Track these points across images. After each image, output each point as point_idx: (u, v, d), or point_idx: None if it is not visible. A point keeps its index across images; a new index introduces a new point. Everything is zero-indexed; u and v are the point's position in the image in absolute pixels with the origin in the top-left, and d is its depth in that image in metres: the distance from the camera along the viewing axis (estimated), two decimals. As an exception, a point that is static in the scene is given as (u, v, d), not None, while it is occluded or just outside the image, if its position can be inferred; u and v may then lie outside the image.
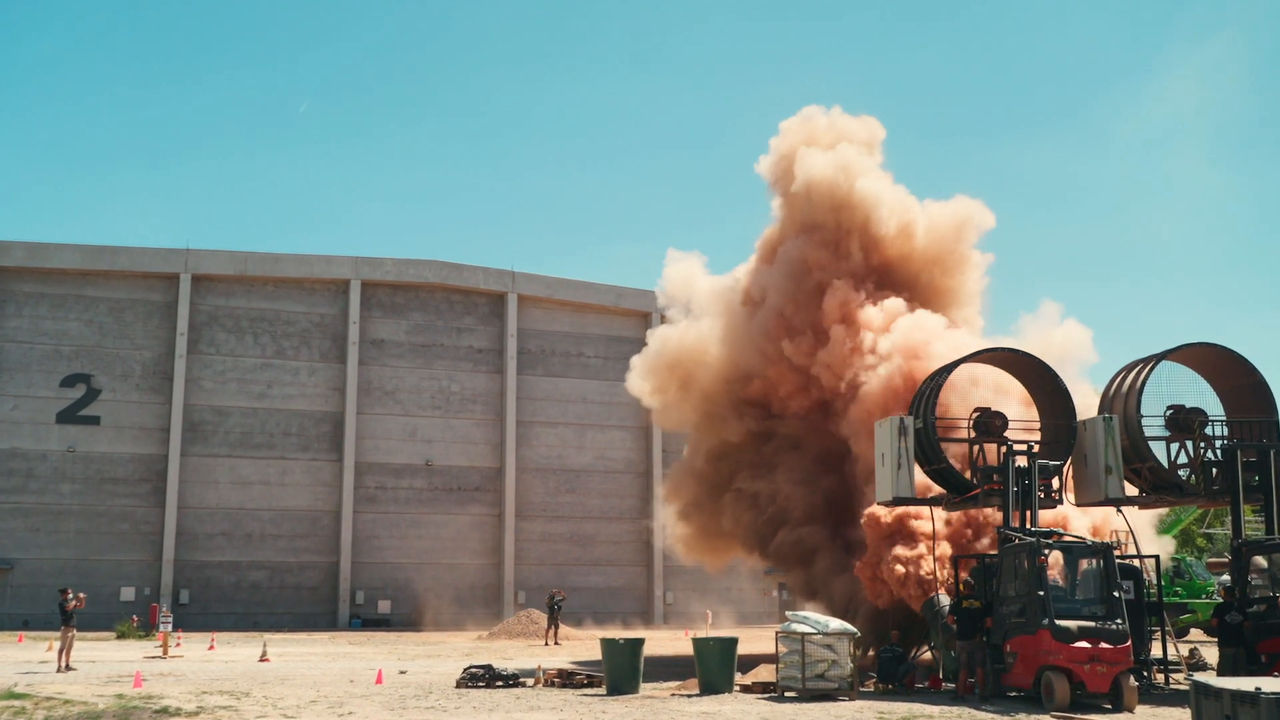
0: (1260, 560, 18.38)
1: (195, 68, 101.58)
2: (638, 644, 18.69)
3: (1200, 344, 19.65)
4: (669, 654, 27.84)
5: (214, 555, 42.40)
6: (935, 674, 19.56)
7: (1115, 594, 16.61)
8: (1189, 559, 39.53)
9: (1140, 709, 16.02)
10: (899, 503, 19.92)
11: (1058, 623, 16.17)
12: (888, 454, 19.56)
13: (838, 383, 25.20)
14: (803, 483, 25.76)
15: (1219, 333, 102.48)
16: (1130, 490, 19.69)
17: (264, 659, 25.47)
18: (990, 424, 19.56)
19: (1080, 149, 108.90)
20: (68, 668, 22.16)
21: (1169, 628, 20.58)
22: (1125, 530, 19.57)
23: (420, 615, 43.18)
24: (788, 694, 17.58)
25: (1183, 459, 19.69)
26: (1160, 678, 19.09)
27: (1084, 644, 15.98)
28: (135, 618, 36.24)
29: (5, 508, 40.65)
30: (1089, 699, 16.04)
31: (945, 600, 19.55)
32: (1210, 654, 22.89)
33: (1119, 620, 16.38)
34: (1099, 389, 21.02)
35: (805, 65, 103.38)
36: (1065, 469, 19.55)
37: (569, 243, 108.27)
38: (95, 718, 15.08)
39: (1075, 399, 19.91)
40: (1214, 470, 19.24)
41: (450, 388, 46.34)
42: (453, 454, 45.93)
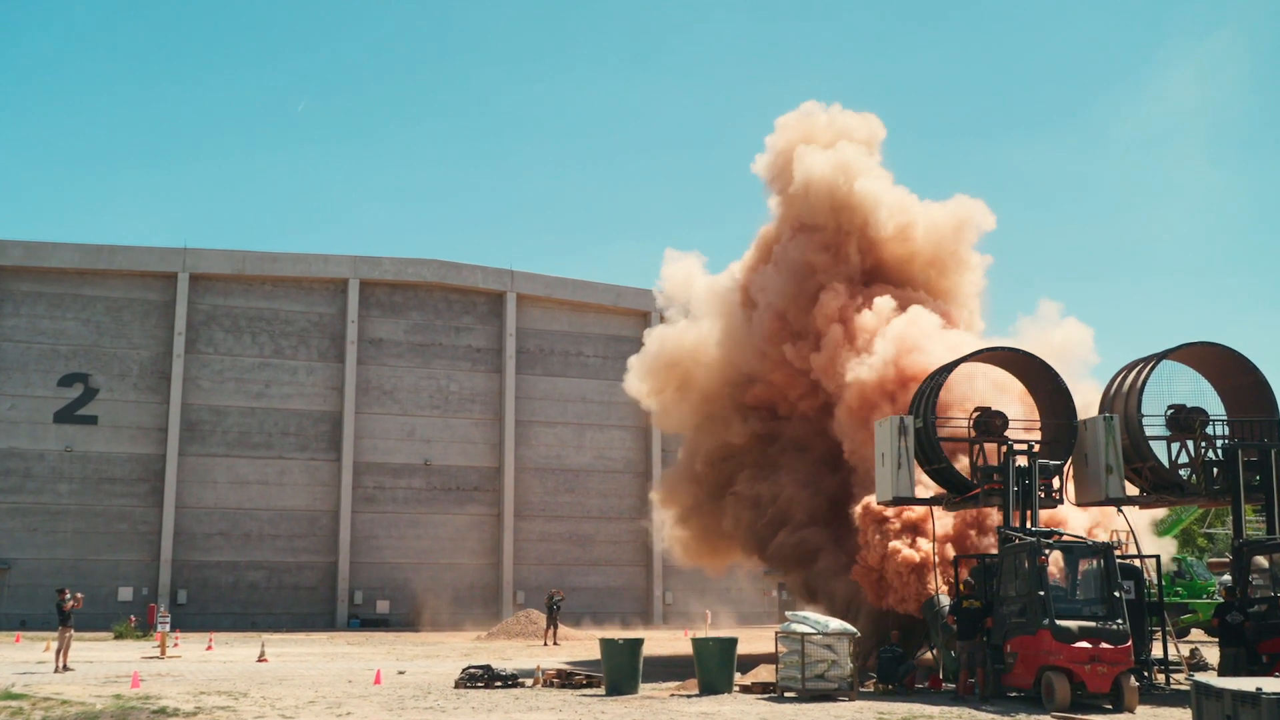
0: (1261, 560, 18.34)
1: (193, 67, 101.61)
2: (637, 644, 18.68)
3: (1201, 343, 19.62)
4: (668, 654, 27.79)
5: (212, 555, 42.33)
6: (935, 674, 19.51)
7: (1116, 594, 16.60)
8: (1190, 559, 39.51)
9: (1141, 709, 16.01)
10: (899, 502, 19.90)
11: (1058, 623, 16.15)
12: (887, 454, 19.52)
13: (834, 384, 25.16)
14: (806, 484, 25.67)
15: (1219, 332, 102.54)
16: (1131, 490, 19.65)
17: (262, 659, 25.46)
18: (990, 423, 19.52)
19: (1080, 148, 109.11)
20: (65, 668, 22.11)
21: (1170, 628, 20.56)
22: (1126, 530, 19.53)
23: (419, 615, 43.09)
24: (787, 694, 17.57)
25: (1183, 458, 19.65)
26: (1161, 678, 19.08)
27: (1084, 644, 15.97)
28: (133, 618, 36.18)
29: (2, 507, 40.57)
30: (1089, 699, 16.02)
31: (945, 600, 19.50)
32: (1211, 654, 22.88)
33: (1120, 620, 16.37)
34: (1102, 387, 20.97)
35: (804, 64, 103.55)
36: (1066, 468, 19.50)
37: (568, 242, 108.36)
38: (93, 718, 15.03)
39: (1079, 397, 19.86)
40: (1215, 470, 19.21)
41: (449, 387, 46.27)
42: (451, 454, 45.86)
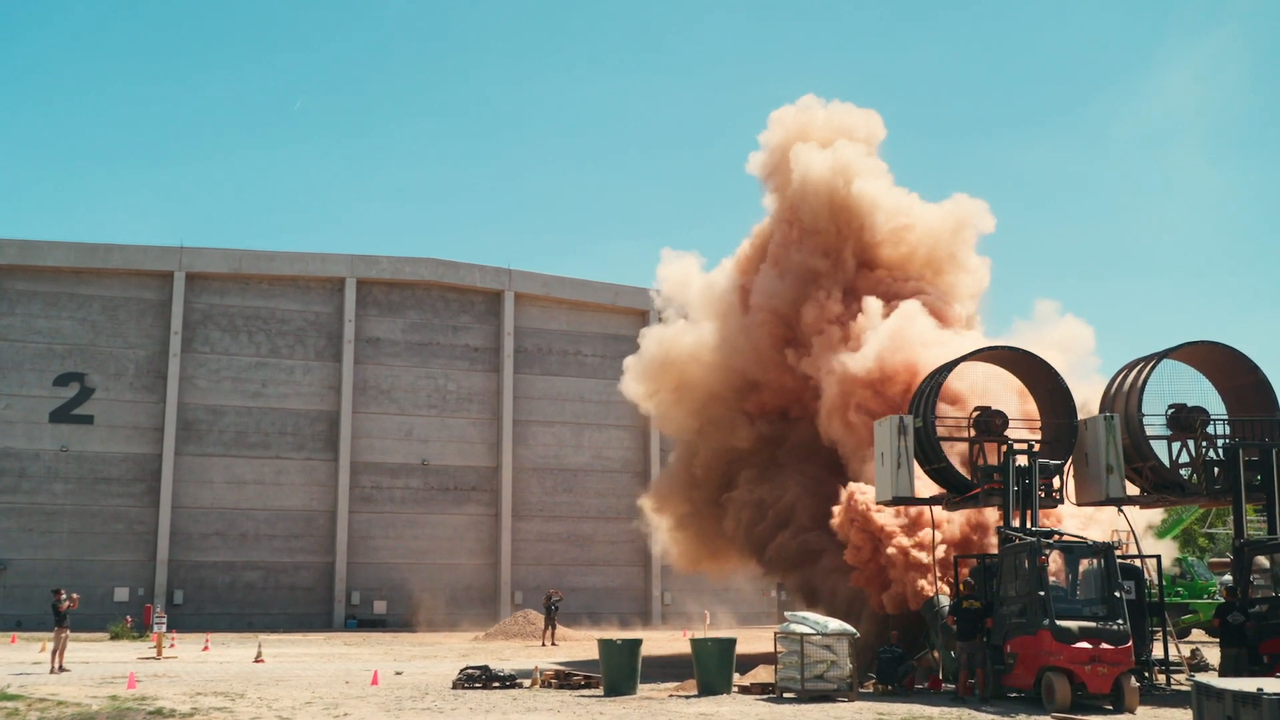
0: (1262, 560, 18.29)
1: (190, 65, 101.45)
2: (635, 645, 18.64)
3: (1202, 342, 19.56)
4: (667, 654, 27.73)
5: (208, 555, 42.22)
6: (935, 675, 19.45)
7: (1116, 594, 16.56)
8: (1190, 559, 39.49)
9: (1141, 710, 15.99)
10: (898, 502, 19.84)
11: (1058, 623, 16.12)
12: (887, 453, 19.46)
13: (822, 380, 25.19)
14: (810, 487, 25.55)
15: (1220, 331, 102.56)
16: (1131, 490, 19.60)
17: (259, 660, 25.42)
18: (991, 423, 19.46)
19: (1079, 147, 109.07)
20: (61, 669, 22.03)
21: (1170, 628, 20.51)
22: (1126, 530, 19.48)
23: (416, 616, 42.99)
24: (786, 695, 17.52)
25: (1184, 458, 19.60)
26: (1162, 678, 19.06)
27: (1085, 644, 15.96)
28: (129, 618, 36.09)
29: (-2, 507, 40.51)
30: (1090, 700, 16.00)
31: (945, 601, 19.45)
32: (1212, 654, 22.86)
33: (1120, 621, 16.34)
34: (1102, 385, 20.91)
35: (803, 63, 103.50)
36: (1066, 468, 19.45)
37: (566, 241, 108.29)
38: (89, 719, 14.94)
39: (1084, 392, 19.79)
40: (1216, 469, 19.14)
41: (446, 386, 46.17)
42: (449, 453, 45.76)
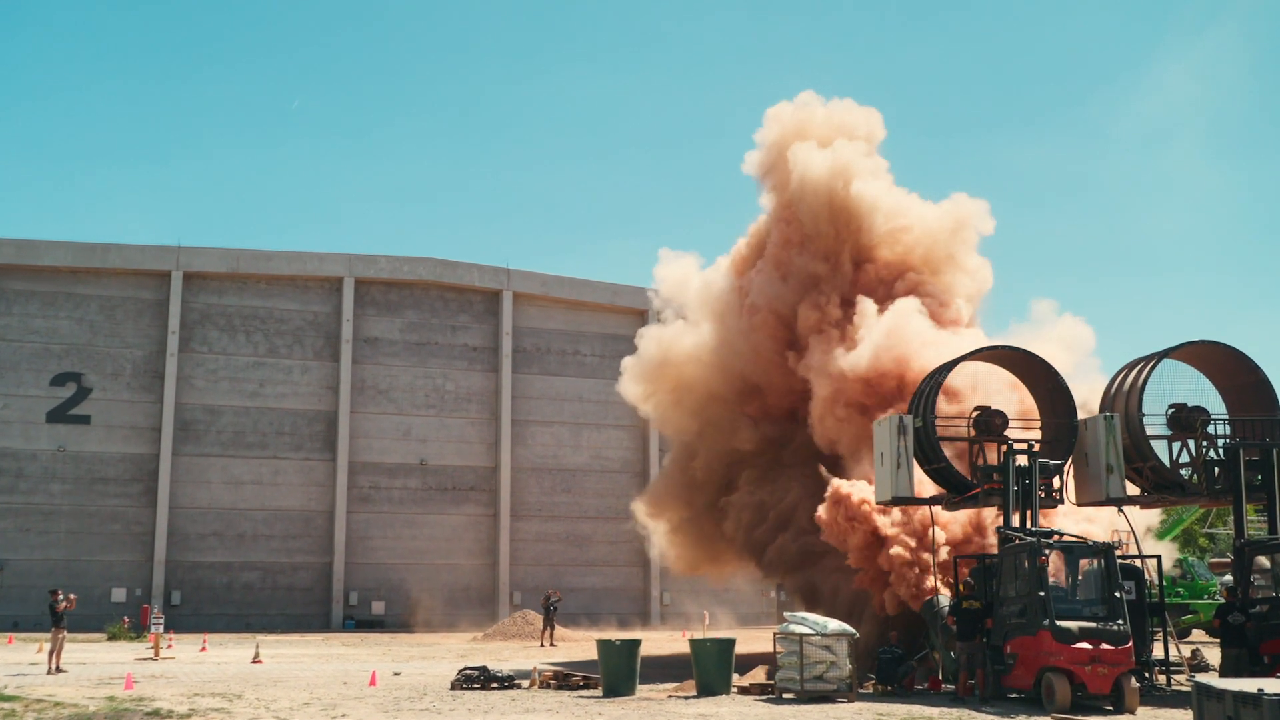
0: (1263, 560, 18.25)
1: (187, 64, 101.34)
2: (634, 645, 18.62)
3: (1202, 342, 19.53)
4: (666, 655, 27.68)
5: (206, 556, 42.14)
6: (935, 675, 19.42)
7: (1116, 594, 16.53)
8: (1191, 559, 39.46)
9: (1142, 710, 15.98)
10: (898, 502, 19.80)
11: (1058, 624, 16.10)
12: (887, 453, 19.42)
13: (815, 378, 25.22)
14: (813, 489, 25.45)
15: (1221, 330, 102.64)
16: (1132, 490, 19.56)
17: (256, 660, 25.38)
18: (990, 423, 19.42)
19: (1077, 145, 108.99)
20: (58, 669, 21.98)
21: (1170, 628, 20.48)
22: (1127, 530, 19.44)
23: (414, 616, 42.92)
24: (786, 695, 17.48)
25: (1185, 458, 19.57)
26: (1162, 679, 19.03)
27: (1085, 645, 15.95)
28: (126, 619, 36.03)
29: (-5, 508, 40.42)
30: (1090, 700, 15.99)
31: (945, 601, 19.41)
32: (1212, 655, 22.84)
33: (1120, 621, 16.31)
34: (1101, 384, 20.87)
35: (802, 61, 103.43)
36: (1066, 468, 19.41)
37: (565, 240, 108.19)
38: (84, 721, 14.89)
39: (1083, 391, 19.75)
40: (1216, 469, 19.11)
41: (445, 386, 46.10)
42: (447, 453, 45.69)
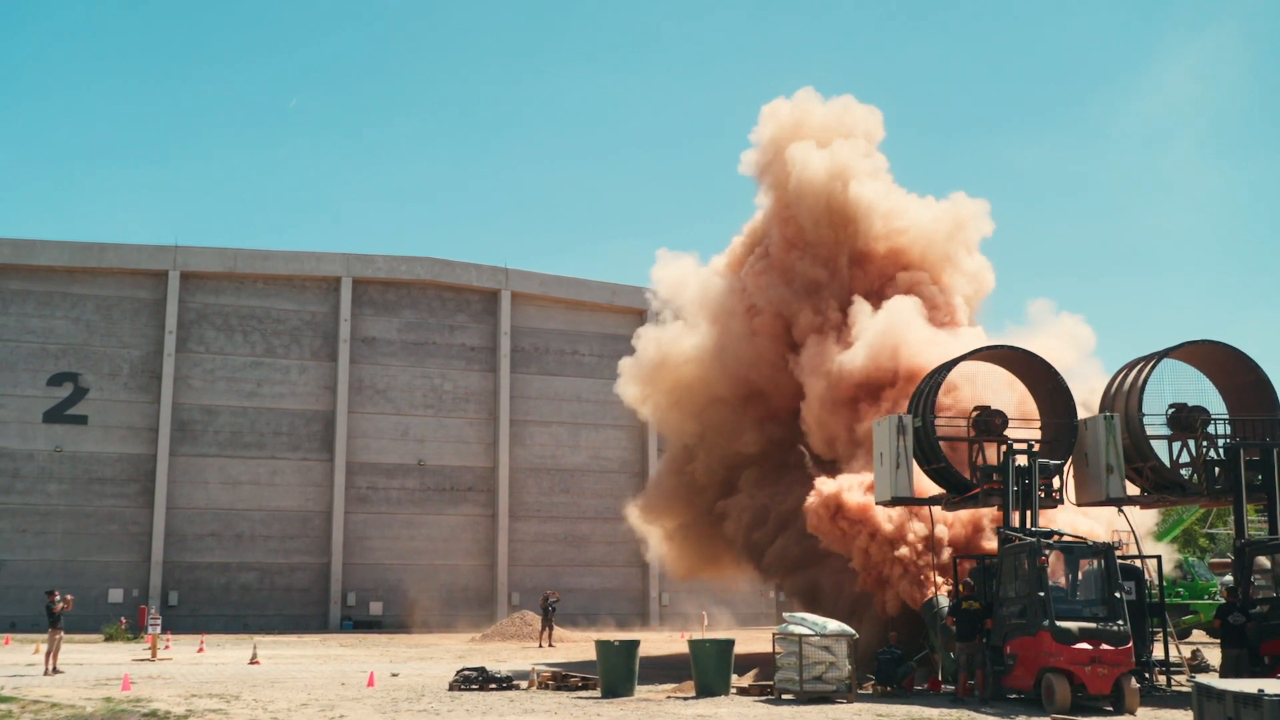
0: (1263, 560, 18.22)
1: (184, 63, 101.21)
2: (633, 646, 18.59)
3: (1202, 341, 19.50)
4: (665, 655, 27.64)
5: (203, 556, 42.04)
6: (934, 676, 19.38)
7: (1116, 595, 16.50)
8: (1191, 559, 39.44)
9: (1142, 711, 15.98)
10: (898, 502, 19.76)
11: (1058, 624, 16.07)
12: (886, 453, 19.37)
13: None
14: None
15: (1221, 330, 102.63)
16: (1132, 490, 19.53)
17: (254, 661, 25.34)
18: (990, 422, 19.39)
19: (1076, 144, 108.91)
20: (55, 670, 21.93)
21: (1171, 629, 20.45)
22: (1127, 530, 19.41)
23: (412, 617, 42.82)
24: (785, 696, 17.43)
25: (1185, 458, 19.54)
26: (1162, 679, 19.00)
27: (1085, 645, 15.95)
28: (123, 620, 35.93)
29: (-8, 508, 40.32)
30: (1090, 701, 15.99)
31: (945, 601, 19.38)
32: (1213, 655, 22.81)
33: (1120, 621, 16.29)
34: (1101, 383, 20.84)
35: (800, 59, 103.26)
36: (1066, 468, 19.38)
37: (563, 239, 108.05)
38: (80, 723, 14.82)
39: (1082, 391, 19.73)
40: (1216, 469, 19.08)
41: (443, 386, 46.03)
42: (445, 453, 45.61)
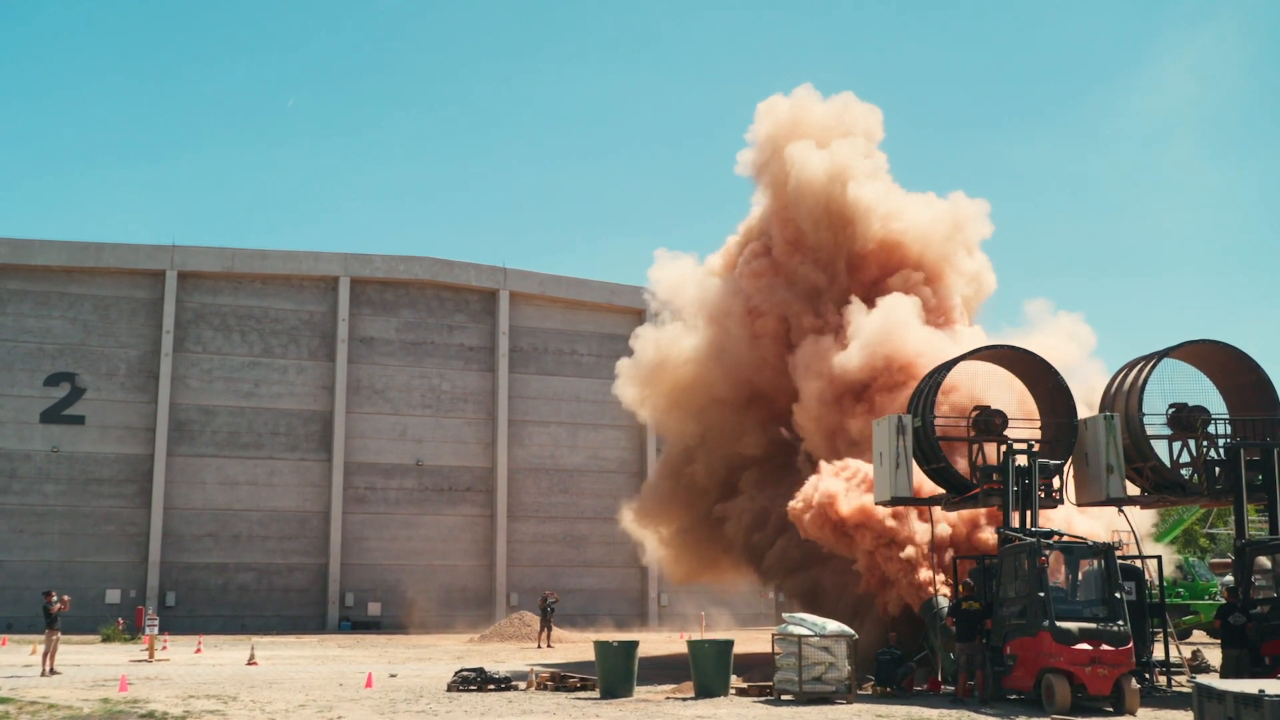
0: (1264, 561, 18.18)
1: (181, 62, 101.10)
2: (632, 646, 18.55)
3: (1203, 341, 19.48)
4: (664, 655, 27.60)
5: (201, 557, 41.96)
6: (934, 676, 19.35)
7: (1117, 595, 16.48)
8: (1192, 559, 39.40)
9: (1142, 712, 15.97)
10: (897, 502, 19.73)
11: (1058, 624, 16.05)
12: (885, 453, 19.34)
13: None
14: None
15: (1221, 329, 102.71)
16: (1132, 490, 19.51)
17: (252, 662, 25.31)
18: (990, 422, 19.36)
19: (1075, 143, 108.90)
20: (52, 671, 21.89)
21: (1171, 629, 20.42)
22: (1127, 530, 19.38)
23: (410, 618, 42.75)
24: (784, 697, 17.38)
25: (1185, 458, 19.52)
26: (1162, 680, 18.99)
27: (1085, 646, 15.93)
28: (121, 620, 35.82)
29: (-11, 508, 40.21)
30: (1090, 702, 15.98)
31: (944, 602, 19.34)
32: (1213, 656, 22.79)
33: (1120, 622, 16.26)
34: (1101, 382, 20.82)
35: (799, 58, 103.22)
36: (1066, 468, 19.35)
37: (562, 239, 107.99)
38: (77, 724, 14.76)
39: (1081, 391, 19.71)
40: (1217, 469, 19.06)
41: (441, 386, 45.96)
42: (443, 454, 45.54)
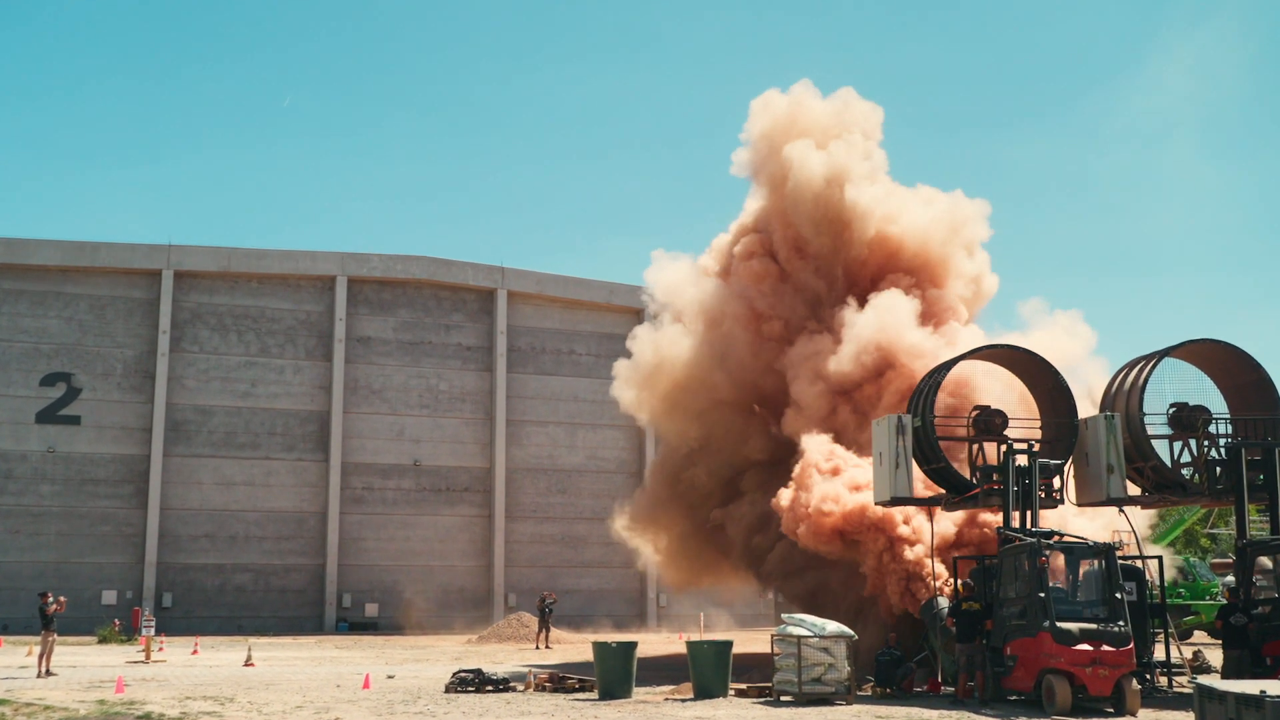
0: (1265, 561, 18.14)
1: (179, 62, 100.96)
2: (630, 647, 18.48)
3: (1204, 340, 19.45)
4: (663, 656, 27.53)
5: (197, 558, 41.85)
6: (934, 677, 19.29)
7: (1117, 595, 16.43)
8: (1193, 559, 39.35)
9: (1143, 713, 15.94)
10: (897, 503, 19.67)
11: (1059, 625, 16.01)
12: (885, 453, 19.28)
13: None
14: None
15: (1222, 329, 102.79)
16: (1133, 490, 19.46)
17: (249, 664, 25.24)
18: (990, 422, 19.30)
19: (1074, 141, 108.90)
20: (48, 673, 21.82)
21: (1172, 630, 20.38)
22: (1128, 530, 19.33)
23: (408, 619, 42.68)
24: (783, 698, 17.32)
25: (1186, 458, 19.48)
26: (1163, 681, 18.93)
27: (1086, 646, 15.90)
28: (117, 621, 35.75)
29: (-16, 509, 40.09)
30: (1091, 702, 15.95)
31: (944, 602, 19.28)
32: (1215, 656, 22.76)
33: (1121, 622, 16.22)
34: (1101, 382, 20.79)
35: (798, 56, 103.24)
36: (1066, 468, 19.29)
37: (560, 238, 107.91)
38: (72, 726, 14.67)
39: (1083, 389, 19.68)
40: (1218, 469, 19.03)
41: (439, 386, 45.87)
42: (441, 454, 45.46)
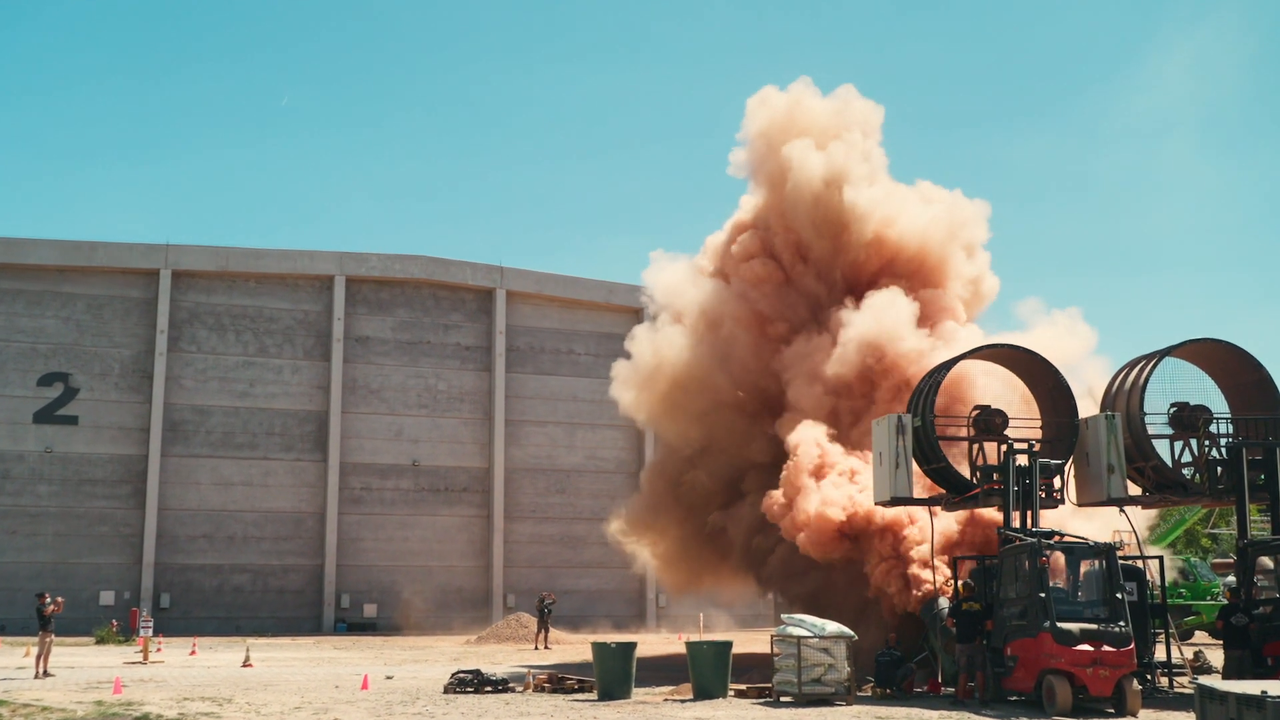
0: (1266, 561, 18.13)
1: (176, 60, 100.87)
2: (630, 648, 18.45)
3: (1205, 340, 19.42)
4: (662, 657, 27.50)
5: (195, 558, 41.80)
6: (934, 678, 19.25)
7: (1118, 596, 16.40)
8: (1194, 560, 39.32)
9: (1144, 713, 15.91)
10: (897, 503, 19.63)
11: (1059, 625, 15.97)
12: (885, 453, 19.25)
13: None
14: None
15: (1222, 328, 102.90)
16: (1133, 490, 19.42)
17: (247, 664, 25.22)
18: (990, 422, 19.26)
19: (1074, 140, 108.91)
20: (45, 674, 21.78)
21: (1173, 630, 20.35)
22: (1128, 530, 19.31)
23: (407, 619, 42.65)
24: (783, 699, 17.28)
25: (1187, 457, 19.44)
26: (1164, 681, 18.90)
27: (1086, 647, 15.88)
28: (115, 622, 35.69)
29: (-18, 509, 40.01)
30: (1091, 703, 15.92)
31: (945, 602, 19.25)
32: (1215, 657, 22.74)
33: (1122, 623, 16.19)
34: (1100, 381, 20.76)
35: (797, 55, 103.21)
36: (1067, 468, 19.26)
37: (559, 238, 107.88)
38: (69, 728, 14.62)
39: (1083, 389, 19.66)
40: (1219, 469, 18.99)
41: (437, 386, 45.82)
42: (440, 454, 45.41)
